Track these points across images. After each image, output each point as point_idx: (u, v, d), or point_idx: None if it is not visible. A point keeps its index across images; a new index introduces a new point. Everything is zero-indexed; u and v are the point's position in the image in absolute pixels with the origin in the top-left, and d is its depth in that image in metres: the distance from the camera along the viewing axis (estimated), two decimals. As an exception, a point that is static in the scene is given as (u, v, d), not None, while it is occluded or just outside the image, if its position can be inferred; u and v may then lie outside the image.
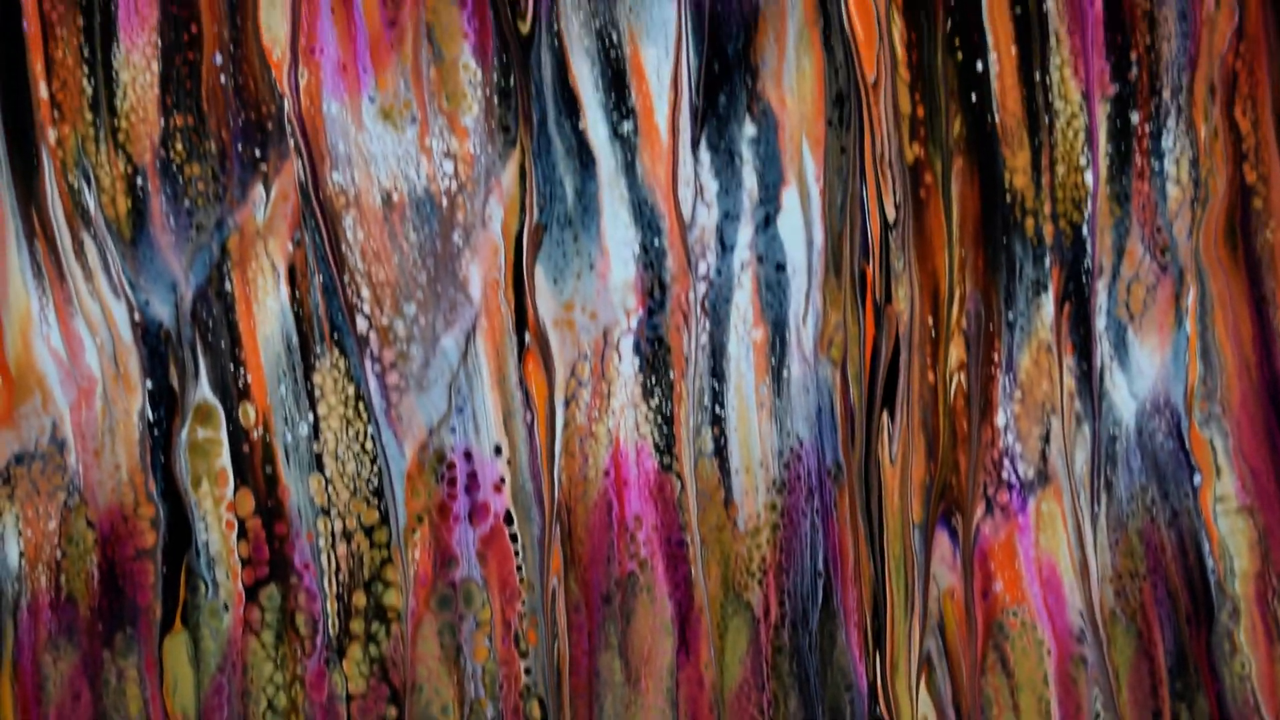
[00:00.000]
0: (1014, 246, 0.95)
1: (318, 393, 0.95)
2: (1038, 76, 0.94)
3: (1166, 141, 0.95)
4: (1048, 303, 0.96)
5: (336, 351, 0.94)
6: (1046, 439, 0.96)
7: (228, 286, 0.94)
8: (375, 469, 0.95)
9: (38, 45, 0.92)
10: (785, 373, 0.96)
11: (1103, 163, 0.95)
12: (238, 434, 0.94)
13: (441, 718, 0.94)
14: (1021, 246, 0.95)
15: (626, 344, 0.95)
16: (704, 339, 0.96)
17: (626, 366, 0.96)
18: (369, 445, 0.95)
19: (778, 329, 0.96)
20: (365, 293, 0.94)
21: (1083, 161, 0.95)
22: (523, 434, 0.96)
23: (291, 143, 0.93)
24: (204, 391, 0.94)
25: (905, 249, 0.95)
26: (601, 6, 0.94)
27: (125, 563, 0.93)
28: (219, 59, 0.93)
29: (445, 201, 0.94)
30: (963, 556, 0.96)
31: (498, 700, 0.94)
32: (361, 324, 0.94)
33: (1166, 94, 0.94)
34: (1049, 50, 0.94)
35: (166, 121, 0.93)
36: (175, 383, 0.94)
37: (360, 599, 0.94)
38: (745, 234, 0.95)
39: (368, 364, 0.95)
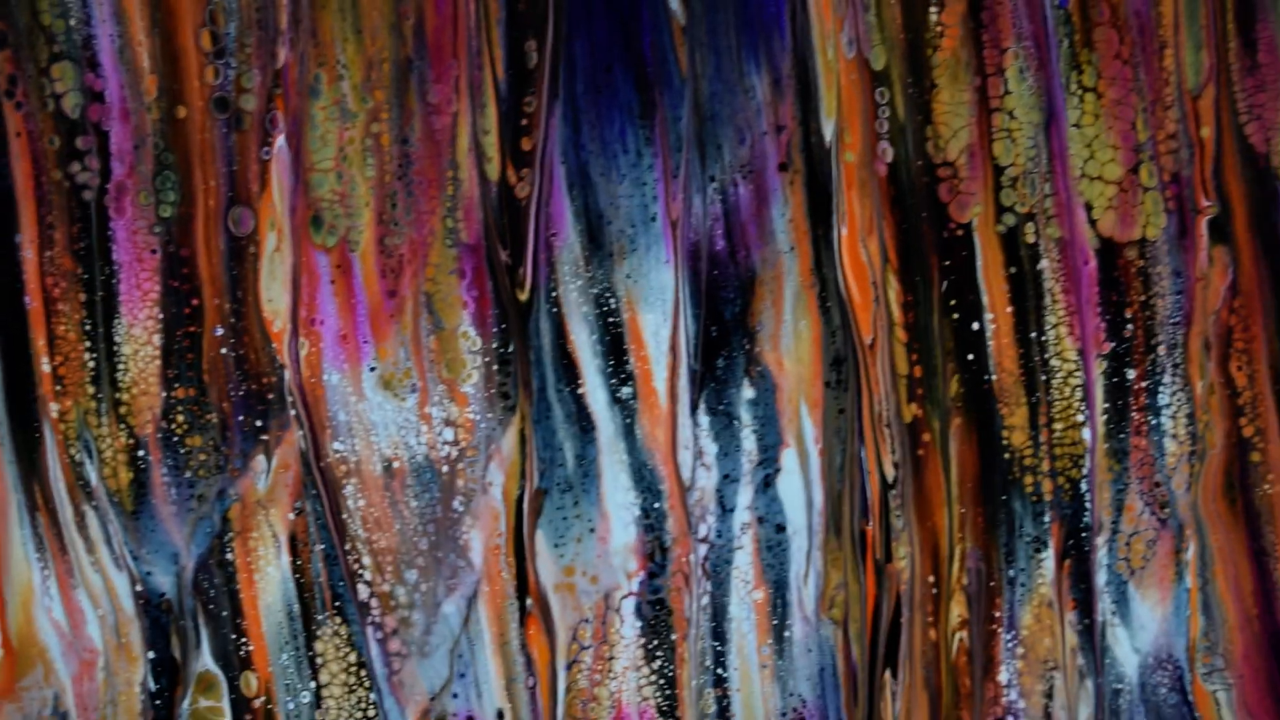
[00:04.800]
0: (1013, 503, 0.96)
1: (320, 660, 0.95)
2: (1034, 335, 0.95)
3: (1163, 397, 0.95)
4: (1048, 559, 0.96)
5: (338, 619, 0.95)
6: (1050, 695, 0.96)
7: (229, 556, 0.94)
8: (378, 736, 0.95)
9: (40, 321, 0.92)
10: (787, 633, 0.96)
11: (1100, 419, 0.95)
12: (240, 703, 0.94)
13: None
14: (1021, 503, 0.96)
15: (628, 607, 0.96)
16: (705, 601, 0.96)
17: (628, 629, 0.96)
18: (371, 712, 0.95)
19: (779, 590, 0.96)
20: (366, 560, 0.94)
21: (1080, 418, 0.95)
22: (525, 698, 0.95)
23: (292, 413, 0.94)
24: (206, 661, 0.94)
25: (905, 508, 0.96)
26: (600, 274, 0.94)
27: (128, 840, 0.93)
28: (220, 331, 0.93)
29: (446, 468, 0.94)
30: (969, 810, 0.96)
31: None
32: (363, 591, 0.94)
33: (1162, 350, 0.95)
34: (1044, 309, 0.95)
35: (168, 394, 0.93)
36: (177, 653, 0.94)
37: None
38: (745, 496, 0.96)
39: (369, 631, 0.95)
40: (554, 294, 0.94)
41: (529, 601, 0.95)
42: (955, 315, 0.95)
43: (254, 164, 0.93)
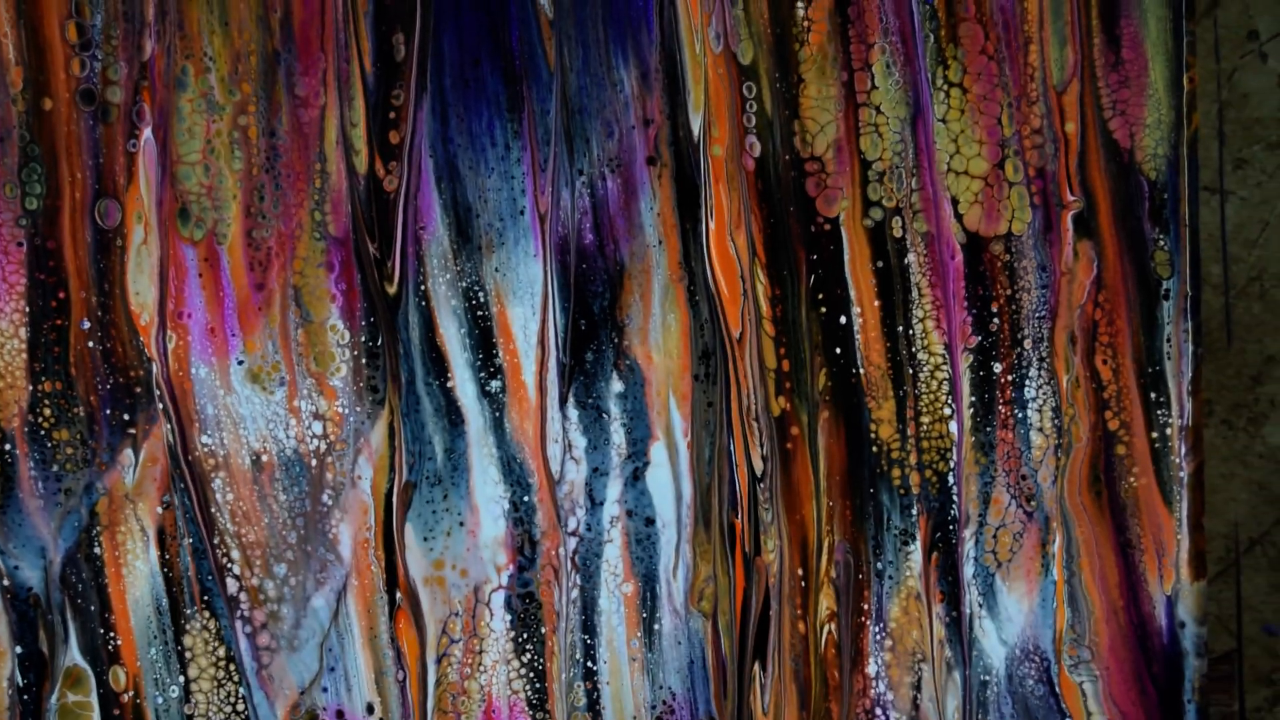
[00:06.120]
0: (881, 496, 0.96)
1: (189, 655, 0.94)
2: (901, 329, 0.95)
3: (1029, 390, 0.96)
4: (916, 552, 0.96)
5: (207, 613, 0.94)
6: (918, 687, 0.97)
7: (97, 550, 0.94)
8: (247, 729, 0.95)
9: (-96, 314, 0.92)
10: (657, 626, 0.96)
11: (966, 412, 0.96)
12: (108, 698, 0.94)
13: None
14: (889, 496, 0.96)
15: (498, 600, 0.96)
16: (575, 594, 0.96)
17: (498, 623, 0.96)
18: (240, 706, 0.95)
19: (648, 583, 0.96)
20: (235, 554, 0.94)
21: (947, 411, 0.96)
22: (395, 692, 0.96)
23: (160, 406, 0.93)
24: (74, 656, 0.94)
25: (773, 501, 0.96)
26: (468, 267, 0.94)
27: (-7, 834, 0.92)
28: (87, 324, 0.93)
29: (314, 462, 0.94)
30: (839, 801, 0.97)
31: None
32: (232, 585, 0.94)
33: (1028, 344, 0.96)
34: (911, 303, 0.95)
35: (35, 387, 0.93)
36: (45, 647, 0.94)
37: None
38: (614, 489, 0.96)
39: (238, 625, 0.94)
40: (423, 287, 0.94)
41: (398, 595, 0.95)
42: (823, 309, 0.95)
43: (121, 156, 0.93)
